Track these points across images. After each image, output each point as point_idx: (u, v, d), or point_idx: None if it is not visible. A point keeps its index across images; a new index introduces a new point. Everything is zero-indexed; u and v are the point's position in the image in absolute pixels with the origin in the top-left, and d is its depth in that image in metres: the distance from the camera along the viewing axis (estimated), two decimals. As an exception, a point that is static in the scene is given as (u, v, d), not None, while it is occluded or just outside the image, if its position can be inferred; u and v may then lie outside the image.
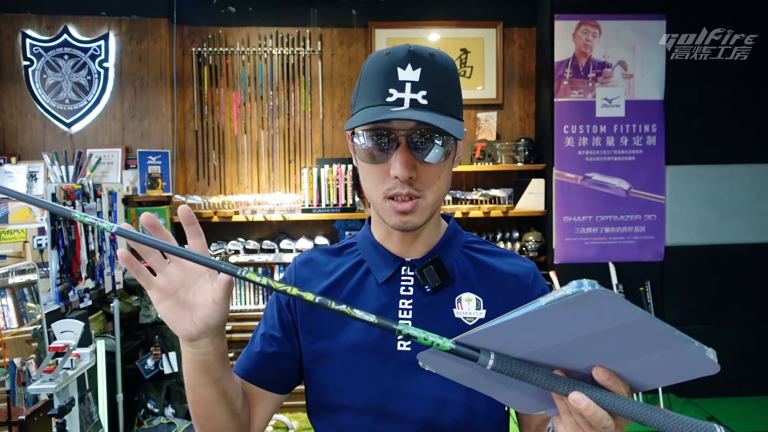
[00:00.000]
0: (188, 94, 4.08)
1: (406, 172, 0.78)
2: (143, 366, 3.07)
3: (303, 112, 4.12)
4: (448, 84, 0.81)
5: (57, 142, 3.87)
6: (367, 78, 0.81)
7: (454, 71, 0.83)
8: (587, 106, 3.78)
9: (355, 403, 0.87)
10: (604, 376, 0.56)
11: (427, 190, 0.82)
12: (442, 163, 0.82)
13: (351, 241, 0.99)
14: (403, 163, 0.78)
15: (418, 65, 0.78)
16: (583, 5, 3.75)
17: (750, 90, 3.79)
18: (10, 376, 2.12)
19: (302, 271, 0.96)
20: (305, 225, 4.11)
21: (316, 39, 4.11)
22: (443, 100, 0.79)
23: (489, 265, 0.93)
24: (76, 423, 2.16)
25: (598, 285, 0.48)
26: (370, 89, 0.80)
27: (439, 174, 0.82)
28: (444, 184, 0.85)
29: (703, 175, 3.83)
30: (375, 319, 0.61)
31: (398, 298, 0.89)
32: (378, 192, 0.83)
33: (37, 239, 2.98)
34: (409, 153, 0.79)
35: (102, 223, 0.65)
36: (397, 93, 0.78)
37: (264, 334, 0.95)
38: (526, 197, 3.90)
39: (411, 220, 0.83)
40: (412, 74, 0.78)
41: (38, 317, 2.42)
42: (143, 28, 3.91)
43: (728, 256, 3.83)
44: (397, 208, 0.82)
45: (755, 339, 3.85)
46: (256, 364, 0.94)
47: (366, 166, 0.84)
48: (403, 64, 0.78)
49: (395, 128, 0.79)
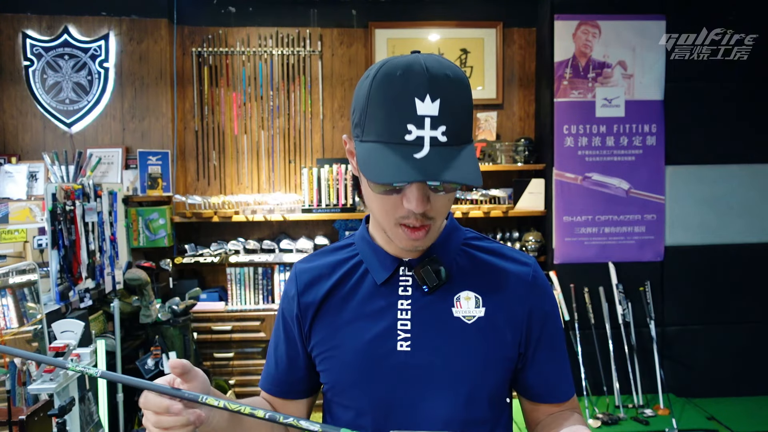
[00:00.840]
0: (188, 94, 4.08)
1: (422, 207, 0.78)
2: (143, 366, 3.07)
3: (303, 112, 4.12)
4: (465, 107, 0.78)
5: (57, 142, 3.87)
6: (380, 103, 0.75)
7: (467, 90, 0.79)
8: (587, 106, 3.79)
9: (357, 404, 0.89)
10: None
11: (437, 217, 0.83)
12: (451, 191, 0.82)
13: (350, 240, 1.00)
14: (419, 199, 0.78)
15: (437, 95, 0.73)
16: (583, 5, 3.75)
17: (750, 90, 3.79)
18: (11, 375, 2.12)
19: (303, 278, 0.97)
20: (305, 225, 4.12)
21: (316, 39, 4.11)
22: (461, 129, 0.76)
23: (488, 263, 0.93)
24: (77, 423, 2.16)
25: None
26: (383, 118, 0.75)
27: (449, 199, 0.83)
28: (450, 205, 0.85)
29: (703, 175, 3.83)
30: (319, 428, 0.68)
31: (397, 299, 0.90)
32: (389, 218, 0.83)
33: (38, 239, 2.98)
34: (424, 187, 0.78)
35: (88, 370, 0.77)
36: (416, 131, 0.73)
37: (276, 350, 1.00)
38: (526, 197, 3.90)
39: (422, 245, 0.85)
40: (431, 107, 0.73)
41: (38, 317, 2.42)
42: (143, 28, 3.91)
43: (728, 256, 3.83)
44: (410, 236, 0.83)
45: (755, 339, 3.85)
46: (276, 381, 1.00)
47: (379, 195, 0.81)
48: (421, 94, 0.73)
49: None
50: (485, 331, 0.88)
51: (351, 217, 3.96)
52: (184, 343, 3.21)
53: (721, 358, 3.82)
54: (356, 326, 0.90)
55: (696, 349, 3.82)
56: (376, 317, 0.89)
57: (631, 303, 3.66)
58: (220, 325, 3.72)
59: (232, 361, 3.75)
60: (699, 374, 3.81)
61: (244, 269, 3.93)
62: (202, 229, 4.08)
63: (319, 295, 0.94)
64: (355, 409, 0.90)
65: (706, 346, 3.83)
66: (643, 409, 3.51)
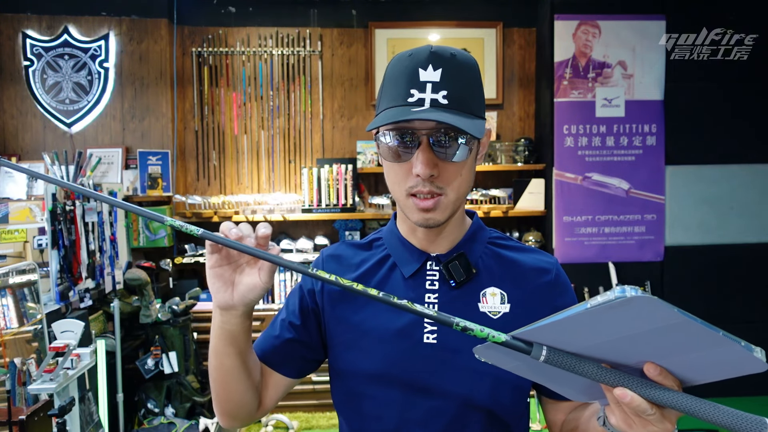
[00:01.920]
0: (188, 94, 4.08)
1: (428, 170, 0.81)
2: (143, 366, 3.07)
3: (303, 112, 4.12)
4: (469, 84, 0.83)
5: (57, 142, 3.87)
6: (390, 79, 0.84)
7: (475, 71, 0.85)
8: (587, 106, 3.79)
9: (382, 394, 0.90)
10: (655, 371, 0.60)
11: (449, 188, 0.84)
12: (464, 161, 0.84)
13: (377, 235, 1.02)
14: (424, 161, 0.81)
15: (439, 65, 0.80)
16: (583, 5, 3.75)
17: (750, 90, 3.79)
18: (11, 375, 2.12)
19: (330, 264, 0.99)
20: (305, 225, 4.12)
21: (316, 39, 4.11)
22: (464, 99, 0.81)
23: (513, 260, 0.96)
24: (77, 423, 2.16)
25: (641, 291, 0.51)
26: (392, 90, 0.83)
27: (461, 171, 0.84)
28: (466, 182, 0.87)
29: (703, 175, 3.83)
30: (435, 313, 0.64)
31: (424, 293, 0.91)
32: (401, 189, 0.86)
33: (38, 239, 2.98)
34: (430, 152, 0.81)
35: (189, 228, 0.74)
36: (418, 93, 0.80)
37: (284, 319, 0.99)
38: (526, 197, 3.90)
39: (433, 217, 0.86)
40: (433, 75, 0.80)
41: (38, 317, 2.42)
42: (143, 28, 3.91)
43: (728, 256, 3.83)
44: (419, 206, 0.85)
45: (755, 339, 3.81)
46: (272, 347, 0.98)
47: (389, 164, 0.86)
48: (424, 64, 0.81)
49: (417, 128, 0.81)
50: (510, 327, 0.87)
51: (351, 217, 3.96)
52: (184, 343, 3.21)
53: (721, 358, 3.81)
54: (383, 317, 0.91)
55: (696, 349, 3.82)
56: None
57: (631, 303, 3.65)
58: (220, 325, 3.71)
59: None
60: (699, 374, 3.81)
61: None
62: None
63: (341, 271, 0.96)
64: (379, 398, 0.90)
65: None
66: (643, 409, 3.51)
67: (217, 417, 0.95)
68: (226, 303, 0.80)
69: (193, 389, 3.19)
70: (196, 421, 3.05)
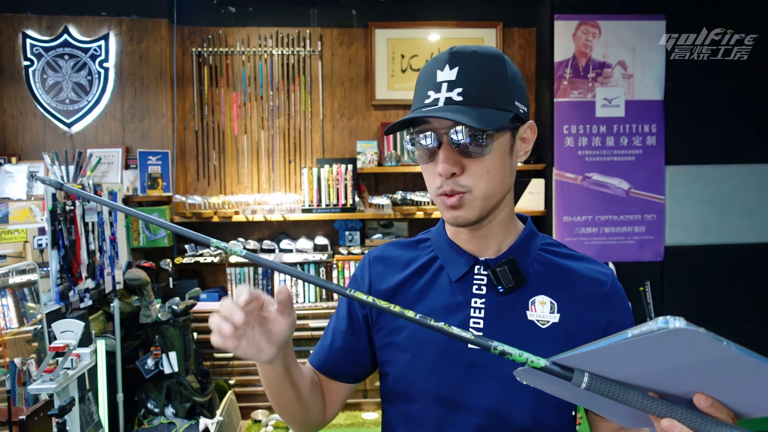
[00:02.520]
0: (188, 94, 4.08)
1: (446, 169, 0.81)
2: (143, 366, 3.07)
3: (303, 112, 4.12)
4: (491, 76, 0.81)
5: (57, 142, 3.87)
6: (416, 87, 0.86)
7: (500, 64, 0.83)
8: (587, 106, 3.79)
9: (424, 397, 0.89)
10: (706, 403, 0.56)
11: (474, 185, 0.82)
12: (489, 157, 0.82)
13: (425, 236, 1.01)
14: (443, 160, 0.81)
15: (456, 64, 0.80)
16: (582, 5, 3.75)
17: (750, 90, 3.79)
18: (11, 375, 2.12)
19: (376, 267, 0.99)
20: (305, 225, 4.12)
21: (316, 39, 4.11)
22: (482, 93, 0.80)
23: (565, 268, 0.92)
24: (77, 423, 2.16)
25: (685, 322, 0.48)
26: (416, 97, 0.85)
27: (487, 168, 0.82)
28: (496, 179, 0.84)
29: (703, 175, 3.83)
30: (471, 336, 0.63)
31: (471, 297, 0.89)
32: (432, 189, 0.87)
33: (38, 239, 2.98)
34: (450, 150, 0.81)
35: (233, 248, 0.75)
36: (434, 94, 0.81)
37: (335, 328, 1.00)
38: (526, 197, 3.90)
39: (461, 215, 0.84)
40: (450, 74, 0.80)
41: (38, 317, 2.42)
42: (143, 28, 3.91)
43: (728, 256, 3.83)
44: (446, 203, 0.84)
45: (755, 339, 3.85)
46: (326, 357, 1.00)
47: (422, 167, 0.88)
48: (442, 65, 0.81)
49: (436, 127, 0.82)
50: (559, 338, 0.87)
51: (351, 217, 3.96)
52: (184, 343, 3.21)
53: (721, 358, 3.81)
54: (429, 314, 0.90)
55: (696, 349, 3.82)
56: (449, 312, 0.89)
57: (631, 303, 3.65)
58: (220, 325, 3.71)
59: (232, 361, 3.75)
60: (699, 374, 3.81)
61: (244, 269, 3.93)
62: (202, 229, 4.08)
63: (392, 284, 0.95)
64: (422, 402, 0.89)
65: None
66: (643, 409, 3.51)
67: None
68: (270, 358, 0.79)
69: (193, 389, 3.20)
70: (196, 421, 3.06)
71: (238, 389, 3.71)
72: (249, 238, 4.00)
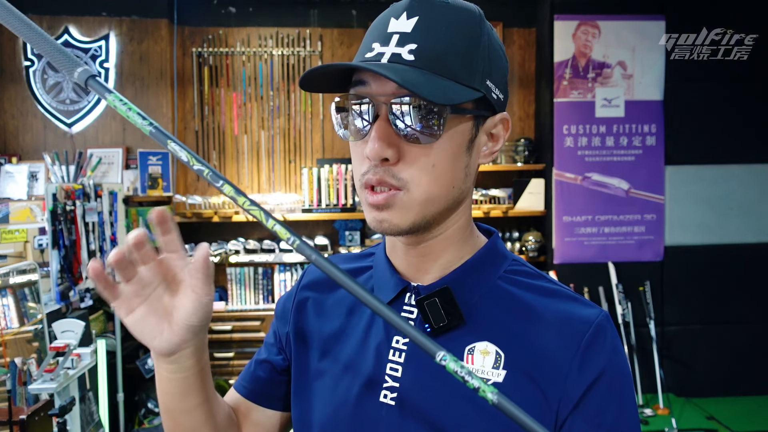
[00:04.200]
0: (188, 94, 4.08)
1: (377, 151, 0.58)
2: (144, 366, 3.07)
3: (303, 113, 4.13)
4: (460, 37, 0.59)
5: (58, 142, 3.88)
6: (364, 38, 0.64)
7: (473, 22, 0.61)
8: (587, 107, 3.79)
9: None
10: None
11: (412, 182, 0.60)
12: (438, 146, 0.59)
13: (372, 250, 0.78)
14: (375, 137, 0.58)
15: (416, 13, 0.59)
16: (582, 5, 3.75)
17: (750, 90, 3.79)
18: (11, 375, 2.12)
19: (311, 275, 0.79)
20: (305, 225, 4.12)
21: (316, 39, 4.11)
22: (443, 56, 0.58)
23: (529, 306, 0.65)
24: (77, 422, 2.17)
25: None
26: (359, 50, 0.63)
27: (433, 162, 0.60)
28: (443, 178, 0.61)
29: (703, 175, 3.83)
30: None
31: (393, 334, 0.67)
32: (357, 177, 0.63)
33: (38, 239, 2.99)
34: (387, 126, 0.59)
35: None
36: (379, 47, 0.59)
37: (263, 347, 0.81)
38: (526, 197, 3.90)
39: (388, 219, 0.61)
40: (405, 24, 0.59)
41: (39, 317, 2.42)
42: (144, 28, 3.92)
43: (728, 256, 3.83)
44: (369, 200, 0.61)
45: (755, 339, 3.85)
46: (250, 375, 0.79)
47: (351, 146, 0.64)
48: (398, 13, 0.60)
49: (374, 93, 0.60)
50: None
51: (351, 217, 3.96)
52: (185, 343, 3.21)
53: (721, 358, 3.82)
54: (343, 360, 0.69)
55: (696, 349, 3.82)
56: (366, 351, 0.68)
57: (630, 303, 3.66)
58: (220, 325, 3.73)
59: (232, 361, 3.76)
60: (699, 374, 3.81)
61: (244, 269, 3.94)
62: (202, 229, 4.09)
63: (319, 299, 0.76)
64: None
65: (705, 346, 3.83)
66: (643, 408, 3.51)
67: None
68: (169, 345, 0.59)
69: (193, 389, 3.20)
70: (196, 420, 3.05)
71: (239, 389, 3.71)
72: (249, 238, 4.00)
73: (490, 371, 0.62)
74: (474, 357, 0.63)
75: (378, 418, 0.65)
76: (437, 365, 0.55)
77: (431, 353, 0.49)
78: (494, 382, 0.61)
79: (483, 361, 0.63)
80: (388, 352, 0.66)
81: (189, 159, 0.53)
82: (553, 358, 0.61)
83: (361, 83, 0.60)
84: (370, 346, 0.68)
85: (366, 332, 0.69)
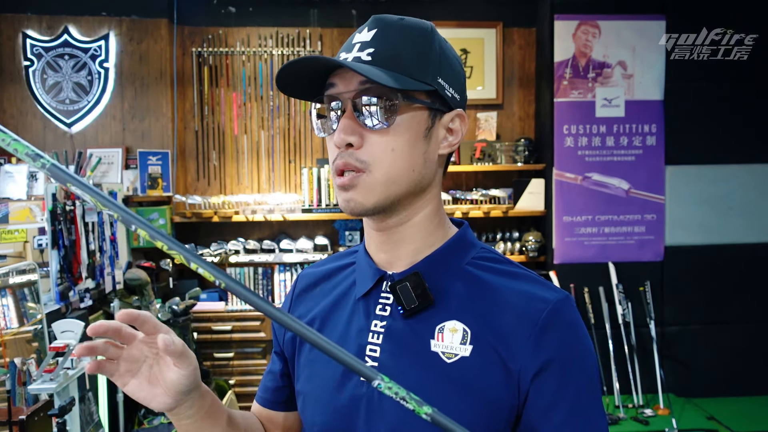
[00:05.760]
0: (188, 94, 4.08)
1: (341, 137, 0.69)
2: (143, 366, 3.07)
3: (303, 112, 4.12)
4: (411, 43, 0.71)
5: (57, 142, 3.87)
6: None
7: (424, 34, 0.74)
8: (587, 106, 3.79)
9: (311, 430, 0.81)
10: None
11: (373, 163, 0.69)
12: (394, 132, 0.69)
13: (357, 248, 0.87)
14: (340, 126, 0.69)
15: (375, 26, 0.72)
16: (582, 5, 3.75)
17: (750, 90, 3.79)
18: (11, 375, 2.12)
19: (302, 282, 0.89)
20: (305, 225, 4.12)
21: (317, 39, 4.11)
22: (396, 57, 0.69)
23: (493, 288, 0.73)
24: (77, 423, 2.16)
25: None
26: None
27: (392, 146, 0.69)
28: (401, 160, 0.70)
29: (703, 175, 3.83)
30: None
31: (372, 319, 0.75)
32: (332, 168, 0.73)
33: (38, 239, 2.98)
34: (351, 118, 0.69)
35: None
36: (344, 54, 0.72)
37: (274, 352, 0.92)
38: (526, 197, 3.90)
39: (354, 198, 0.70)
40: (365, 35, 0.71)
41: (38, 317, 2.42)
42: (143, 28, 3.91)
43: (728, 256, 3.83)
44: (337, 183, 0.72)
45: (755, 339, 3.85)
46: (262, 385, 0.91)
47: (327, 141, 0.75)
48: (362, 29, 0.73)
49: (341, 92, 0.71)
50: (467, 377, 0.69)
51: (351, 217, 3.95)
52: (184, 343, 3.21)
53: (721, 358, 3.81)
54: None
55: (696, 349, 3.82)
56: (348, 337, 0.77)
57: (630, 303, 3.66)
58: (220, 325, 3.72)
59: (232, 361, 3.75)
60: (699, 374, 3.81)
61: (244, 269, 3.93)
62: (202, 229, 4.08)
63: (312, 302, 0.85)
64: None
65: (706, 346, 3.83)
66: (643, 409, 3.51)
67: None
68: (166, 407, 0.68)
69: (193, 389, 3.19)
70: (196, 421, 3.05)
71: (238, 389, 3.70)
72: (249, 238, 4.00)
73: (458, 347, 0.70)
74: (444, 335, 0.71)
75: (359, 395, 0.73)
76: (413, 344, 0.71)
77: (369, 379, 0.55)
78: (461, 357, 0.69)
79: (452, 338, 0.70)
80: (368, 335, 0.75)
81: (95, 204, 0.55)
82: (513, 334, 0.69)
83: (331, 86, 0.72)
84: (351, 331, 0.77)
85: (348, 320, 0.78)
